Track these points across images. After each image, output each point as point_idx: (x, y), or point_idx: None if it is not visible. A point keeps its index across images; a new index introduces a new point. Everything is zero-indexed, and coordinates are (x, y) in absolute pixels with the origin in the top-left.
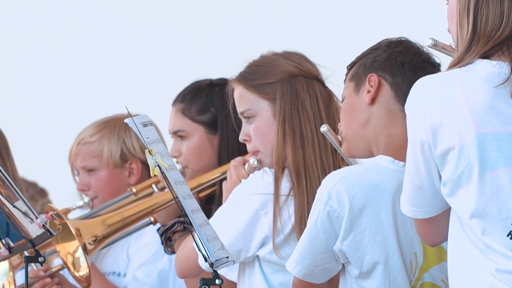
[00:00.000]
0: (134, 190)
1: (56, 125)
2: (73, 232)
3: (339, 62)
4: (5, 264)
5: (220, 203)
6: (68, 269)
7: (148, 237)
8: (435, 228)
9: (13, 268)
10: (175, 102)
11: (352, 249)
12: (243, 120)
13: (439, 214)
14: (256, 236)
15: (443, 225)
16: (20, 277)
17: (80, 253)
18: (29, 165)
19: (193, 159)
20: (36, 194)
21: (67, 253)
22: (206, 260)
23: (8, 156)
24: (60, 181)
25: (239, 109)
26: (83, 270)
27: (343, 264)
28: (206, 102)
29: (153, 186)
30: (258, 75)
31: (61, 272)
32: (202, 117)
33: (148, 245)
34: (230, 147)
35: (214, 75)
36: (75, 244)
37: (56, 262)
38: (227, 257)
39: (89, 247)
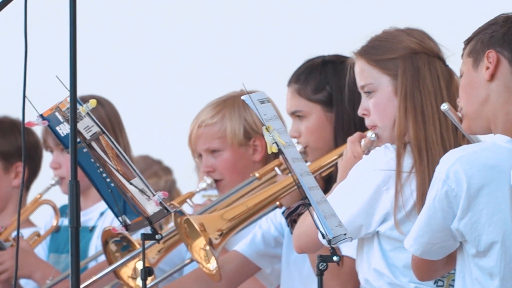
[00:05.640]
0: (257, 175)
1: (180, 105)
2: (197, 228)
3: (458, 42)
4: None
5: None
6: (199, 263)
7: None
8: None
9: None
10: (290, 82)
11: (469, 229)
12: (363, 94)
13: None
14: (377, 212)
15: None
16: None
17: (208, 247)
18: (155, 146)
19: (313, 138)
20: (160, 171)
21: (199, 249)
22: (324, 237)
23: (121, 133)
24: (183, 161)
25: (360, 83)
26: (212, 264)
27: (460, 242)
28: (321, 80)
29: (276, 169)
30: (380, 50)
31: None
32: (318, 96)
33: None
34: (345, 124)
35: (328, 52)
36: (202, 239)
37: None
38: (345, 234)
39: (215, 241)
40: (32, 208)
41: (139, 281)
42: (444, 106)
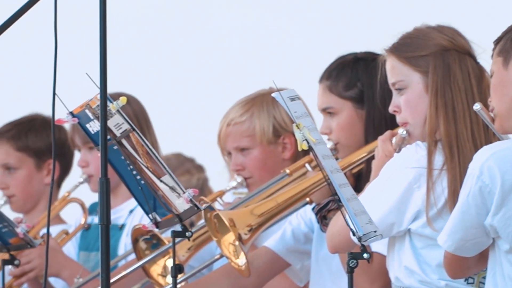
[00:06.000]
0: (287, 171)
1: (214, 102)
2: (227, 223)
3: (489, 39)
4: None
5: (367, 180)
6: (228, 259)
7: None
8: None
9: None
10: (321, 79)
11: (503, 225)
12: (394, 91)
13: None
14: (409, 210)
15: None
16: None
17: (237, 243)
18: (188, 143)
19: (344, 134)
20: (193, 168)
21: (228, 244)
22: (354, 234)
23: (149, 131)
24: (216, 159)
25: (391, 80)
26: (241, 260)
27: (493, 238)
28: (352, 77)
29: (307, 165)
30: (411, 47)
31: None
32: (350, 93)
33: None
34: (376, 121)
35: (359, 49)
36: (232, 234)
37: None
38: (375, 231)
39: (244, 237)
40: (60, 206)
41: (169, 279)
42: (477, 106)
